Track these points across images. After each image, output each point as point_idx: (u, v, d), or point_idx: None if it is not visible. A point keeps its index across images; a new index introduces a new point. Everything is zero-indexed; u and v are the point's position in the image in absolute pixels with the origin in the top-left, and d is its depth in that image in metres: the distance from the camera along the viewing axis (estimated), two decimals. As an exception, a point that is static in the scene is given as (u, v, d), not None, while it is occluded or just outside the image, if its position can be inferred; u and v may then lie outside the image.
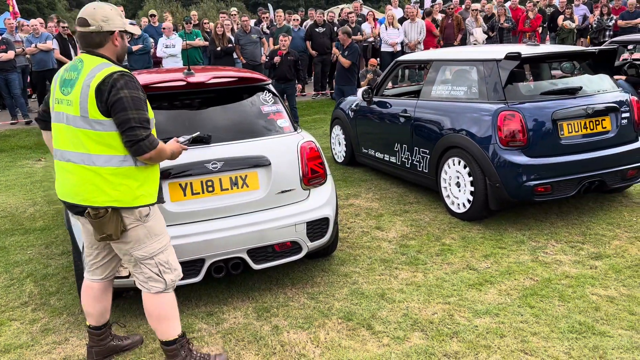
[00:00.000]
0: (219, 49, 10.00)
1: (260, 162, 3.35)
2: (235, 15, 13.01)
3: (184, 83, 3.38)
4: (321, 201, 3.57)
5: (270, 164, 3.36)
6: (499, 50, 4.64)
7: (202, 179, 3.24)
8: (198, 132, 3.07)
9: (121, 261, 2.73)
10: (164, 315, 2.59)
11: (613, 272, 3.53)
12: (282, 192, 3.42)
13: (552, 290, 3.33)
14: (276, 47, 10.14)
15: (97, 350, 2.82)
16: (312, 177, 3.53)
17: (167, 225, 3.13)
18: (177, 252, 3.13)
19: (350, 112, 6.55)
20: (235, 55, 10.62)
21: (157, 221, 2.57)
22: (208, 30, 11.33)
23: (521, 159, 4.26)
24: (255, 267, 3.37)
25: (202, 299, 3.50)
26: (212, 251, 3.22)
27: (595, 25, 12.40)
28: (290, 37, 10.56)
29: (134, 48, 10.19)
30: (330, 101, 11.48)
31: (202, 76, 3.48)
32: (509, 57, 4.37)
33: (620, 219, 4.46)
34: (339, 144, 6.91)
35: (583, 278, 3.47)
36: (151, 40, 10.77)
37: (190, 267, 3.23)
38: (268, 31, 11.89)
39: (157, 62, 10.68)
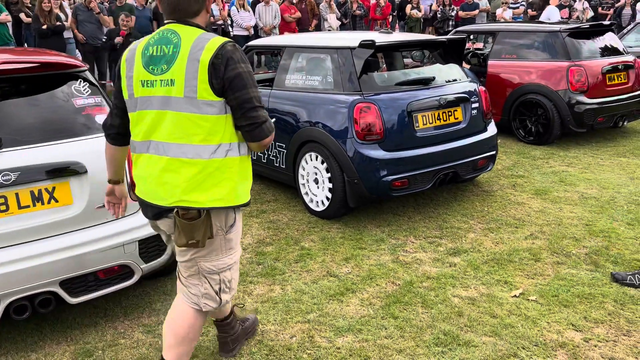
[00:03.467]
0: (44, 27, 8.64)
1: (72, 170, 2.67)
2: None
3: (-40, 70, 2.57)
4: (157, 213, 2.98)
5: (86, 171, 2.70)
6: (353, 38, 4.37)
7: (-9, 196, 2.49)
8: None
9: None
10: (191, 338, 2.23)
11: (471, 269, 3.45)
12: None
13: (414, 295, 3.14)
14: (115, 27, 9.09)
15: (233, 339, 2.58)
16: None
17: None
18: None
19: (199, 102, 5.93)
20: (67, 35, 9.30)
21: (236, 233, 2.17)
22: (30, 5, 9.78)
23: (378, 153, 4.05)
24: (73, 301, 2.70)
25: (2, 345, 2.75)
26: (8, 288, 2.50)
27: (439, 15, 13.03)
28: (133, 17, 9.52)
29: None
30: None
31: (-12, 61, 2.68)
32: (363, 45, 4.12)
33: (473, 209, 4.49)
34: (189, 136, 6.26)
35: (444, 278, 3.34)
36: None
37: (-22, 310, 2.48)
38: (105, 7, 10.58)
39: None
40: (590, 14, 14.66)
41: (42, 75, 2.84)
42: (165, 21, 2.05)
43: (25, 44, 10.29)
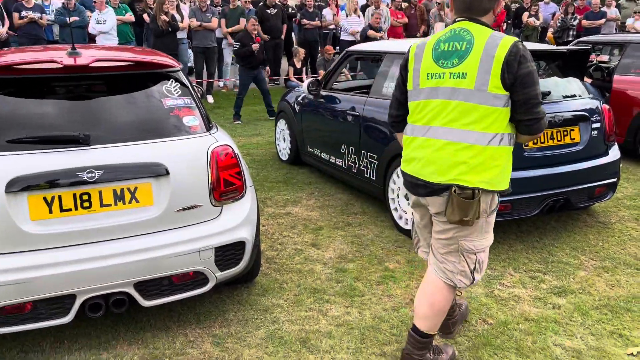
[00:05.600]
0: (161, 26, 9.09)
1: (155, 171, 2.63)
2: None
3: (59, 66, 2.61)
4: (236, 220, 2.88)
5: (168, 173, 2.65)
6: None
7: (76, 192, 2.51)
8: None
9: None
10: (443, 310, 2.39)
11: (579, 315, 2.99)
12: (184, 209, 2.72)
13: (508, 339, 2.76)
14: (237, 30, 9.35)
15: (453, 321, 2.68)
16: (225, 190, 2.84)
17: (25, 251, 2.45)
18: (38, 285, 2.43)
19: (296, 106, 5.86)
20: (181, 35, 9.73)
21: (494, 217, 2.34)
22: (152, 6, 10.37)
23: (479, 172, 3.68)
24: (146, 303, 2.66)
25: (78, 340, 2.77)
26: (85, 285, 2.50)
27: (559, 24, 12.08)
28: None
29: (70, 20, 9.18)
30: (284, 89, 10.74)
31: (86, 58, 2.72)
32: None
33: (586, 243, 3.95)
34: (284, 140, 6.22)
35: (545, 322, 2.92)
36: (88, 13, 9.75)
37: (56, 304, 2.51)
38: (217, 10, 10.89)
39: (92, 39, 9.69)
40: None
41: (135, 74, 2.85)
42: (457, 19, 2.26)
43: (145, 43, 10.96)
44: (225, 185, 2.83)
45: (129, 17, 9.94)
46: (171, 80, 2.93)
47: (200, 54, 9.74)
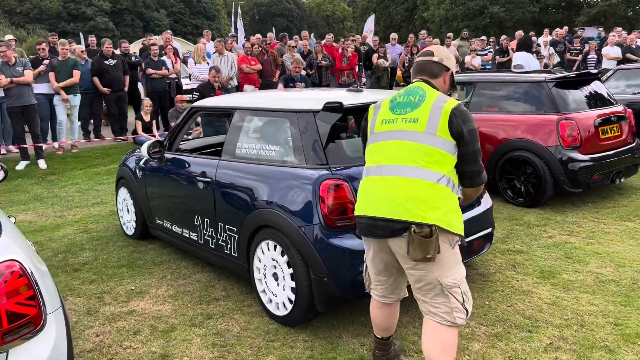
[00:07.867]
0: (-30, 86, 7.66)
1: None
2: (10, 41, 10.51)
3: None
4: (33, 367, 2.02)
5: None
6: (317, 98, 3.58)
7: None
8: None
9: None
10: (453, 350, 2.40)
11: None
12: (-60, 372, 1.81)
13: None
14: (70, 84, 8.24)
15: (388, 358, 2.84)
16: (10, 327, 1.98)
17: None
18: None
19: (138, 171, 5.01)
20: (-1, 94, 8.31)
21: (458, 250, 2.46)
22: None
23: (353, 242, 3.19)
24: None
25: None
26: None
27: (407, 64, 12.58)
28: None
29: None
30: (133, 146, 9.67)
31: None
32: (329, 107, 3.31)
33: (473, 303, 3.62)
34: (128, 211, 5.30)
35: None
36: None
37: None
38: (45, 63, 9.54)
39: None
40: (557, 59, 14.51)
41: None
42: (414, 80, 2.60)
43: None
44: (10, 320, 1.97)
45: None
46: None
47: (17, 114, 8.21)
